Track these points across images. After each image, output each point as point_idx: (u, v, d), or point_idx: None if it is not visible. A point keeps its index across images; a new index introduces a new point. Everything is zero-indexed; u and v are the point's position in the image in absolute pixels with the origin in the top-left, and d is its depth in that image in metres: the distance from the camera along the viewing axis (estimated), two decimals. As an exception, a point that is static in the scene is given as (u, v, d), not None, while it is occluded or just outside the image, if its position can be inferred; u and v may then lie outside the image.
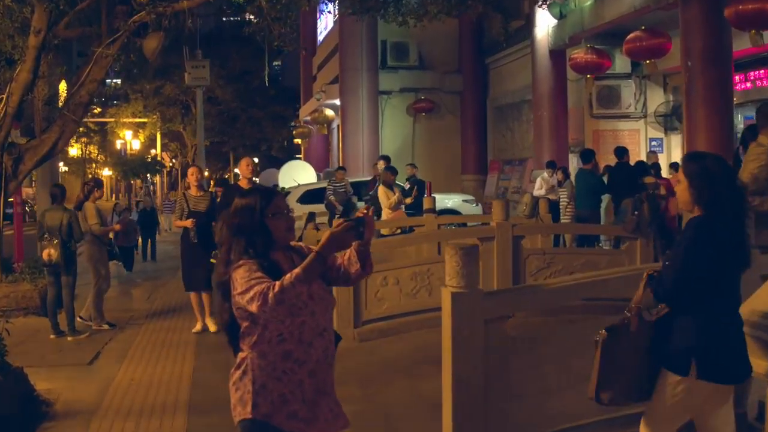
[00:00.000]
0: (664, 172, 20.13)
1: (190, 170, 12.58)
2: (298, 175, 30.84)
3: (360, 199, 22.34)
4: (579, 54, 21.80)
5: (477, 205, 26.17)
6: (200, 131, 20.55)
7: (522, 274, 11.41)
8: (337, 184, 22.00)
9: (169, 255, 22.48)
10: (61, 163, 67.85)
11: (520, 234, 11.60)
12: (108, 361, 10.47)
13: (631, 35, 19.57)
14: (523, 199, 18.42)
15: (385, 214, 16.56)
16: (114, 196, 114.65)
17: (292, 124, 65.80)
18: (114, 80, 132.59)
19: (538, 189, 19.50)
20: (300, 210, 23.55)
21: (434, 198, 22.66)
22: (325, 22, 41.87)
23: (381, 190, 17.14)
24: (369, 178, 21.26)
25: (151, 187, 64.68)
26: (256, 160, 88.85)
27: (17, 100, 13.88)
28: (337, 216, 21.73)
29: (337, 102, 33.77)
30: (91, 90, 14.79)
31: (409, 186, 20.90)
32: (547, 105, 24.46)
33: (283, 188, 26.55)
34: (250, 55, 59.80)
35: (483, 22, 33.04)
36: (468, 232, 13.72)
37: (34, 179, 25.60)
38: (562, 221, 18.16)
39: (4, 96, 13.87)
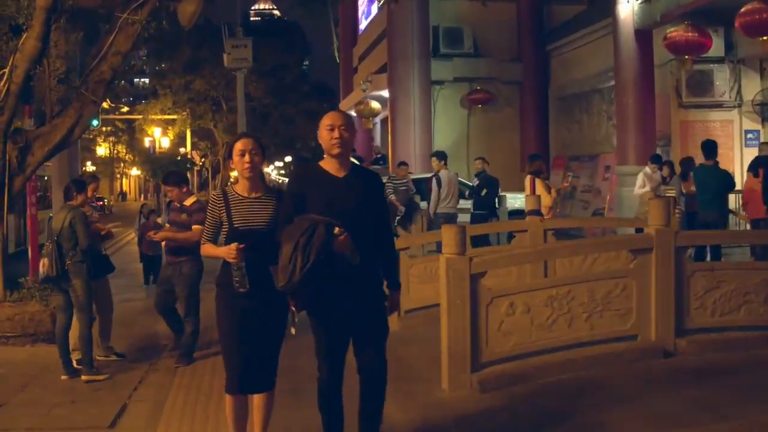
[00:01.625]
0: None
1: (242, 143, 6.04)
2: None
3: (423, 198, 19.51)
4: (677, 32, 18.98)
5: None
6: (241, 121, 17.71)
7: (686, 297, 8.53)
8: (398, 182, 19.24)
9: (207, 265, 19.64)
10: (89, 162, 65.90)
11: (684, 244, 8.69)
12: (137, 422, 7.61)
13: (747, 7, 16.76)
14: (644, 198, 15.43)
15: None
16: (142, 196, 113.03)
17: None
18: (142, 79, 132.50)
19: (640, 187, 16.74)
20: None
21: (504, 197, 20.15)
22: (367, 10, 39.10)
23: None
24: (430, 175, 18.55)
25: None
26: (288, 159, 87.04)
27: (22, 74, 11.13)
28: (399, 217, 19.04)
29: (384, 93, 31.05)
30: (115, 65, 11.99)
31: (477, 183, 18.22)
32: (633, 92, 21.54)
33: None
34: (283, 50, 57.54)
35: (543, 6, 30.52)
36: (616, 242, 10.55)
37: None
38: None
39: (6, 70, 11.10)
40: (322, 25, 55.20)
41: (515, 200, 21.03)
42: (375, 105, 31.95)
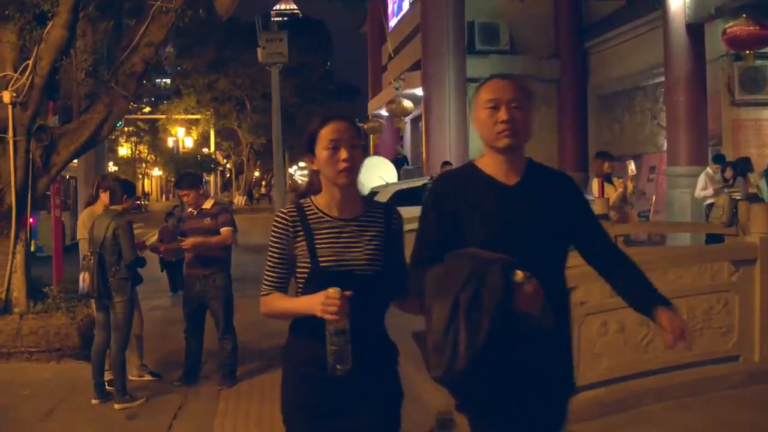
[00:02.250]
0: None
1: (334, 128, 3.67)
2: (379, 173, 27.05)
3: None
4: (738, 26, 17.87)
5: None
6: (276, 118, 16.76)
7: (793, 313, 7.55)
8: (442, 183, 18.19)
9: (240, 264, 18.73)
10: (110, 163, 65.29)
11: (792, 254, 7.68)
12: (178, 457, 6.69)
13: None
14: (719, 201, 14.36)
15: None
16: (164, 197, 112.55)
17: (357, 122, 62.87)
18: (164, 80, 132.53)
19: (702, 189, 15.79)
20: (391, 214, 19.88)
21: None
22: (397, 7, 38.18)
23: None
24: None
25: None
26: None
27: (47, 66, 10.22)
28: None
29: (417, 91, 29.97)
30: (147, 56, 11.07)
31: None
32: (684, 89, 20.39)
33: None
34: (308, 49, 56.86)
35: (581, 1, 29.52)
36: (715, 252, 9.19)
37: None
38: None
39: (30, 61, 10.19)
40: (344, 24, 54.36)
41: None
42: (407, 104, 30.96)
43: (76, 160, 14.14)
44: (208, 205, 9.04)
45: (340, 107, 64.80)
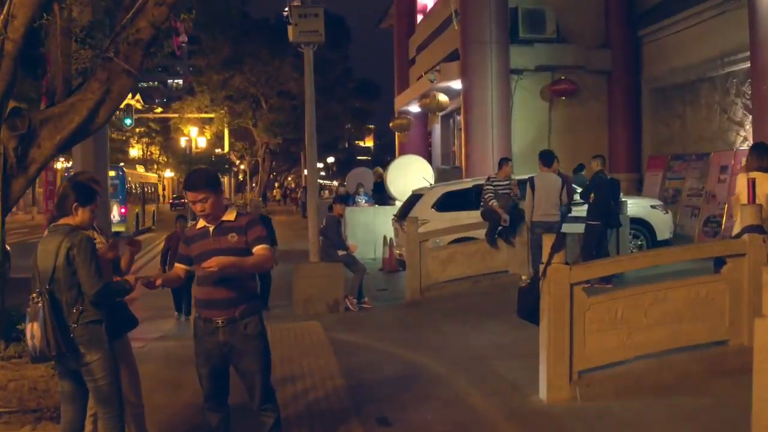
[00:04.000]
0: None
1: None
2: (415, 173, 24.54)
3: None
4: None
5: (667, 212, 19.64)
6: (310, 106, 14.15)
7: None
8: (500, 183, 15.66)
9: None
10: (121, 164, 63.00)
11: None
12: None
13: None
14: None
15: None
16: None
17: (372, 127, 60.33)
18: (175, 80, 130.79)
19: None
20: (438, 220, 17.31)
21: (624, 203, 16.84)
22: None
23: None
24: (530, 176, 15.24)
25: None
26: (331, 160, 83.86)
27: (22, 27, 7.60)
28: (501, 228, 15.64)
29: (453, 84, 27.46)
30: (157, 19, 8.43)
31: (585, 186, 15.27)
32: (773, 78, 17.74)
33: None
34: (327, 44, 54.36)
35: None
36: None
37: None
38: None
39: (-1, 20, 7.59)
40: (360, 21, 52.13)
41: (630, 205, 17.55)
42: (442, 98, 28.37)
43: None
44: (231, 216, 6.13)
45: (360, 104, 62.73)
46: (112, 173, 35.76)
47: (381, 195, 26.99)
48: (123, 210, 37.78)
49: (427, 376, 9.23)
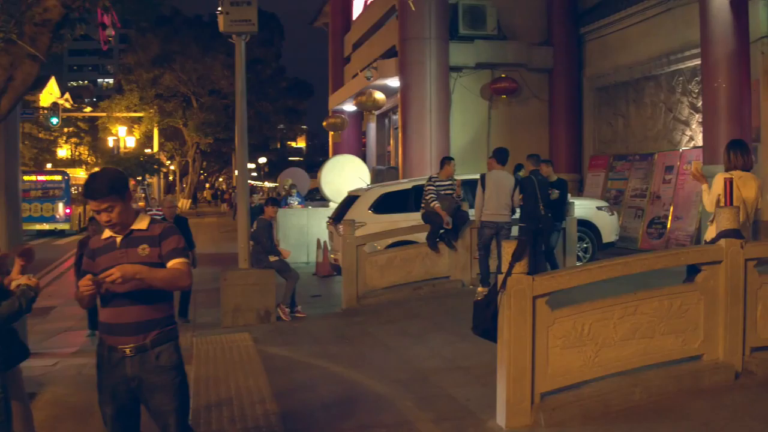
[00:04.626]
0: None
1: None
2: (350, 173, 23.58)
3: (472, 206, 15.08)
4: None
5: (613, 214, 18.95)
6: (241, 102, 13.14)
7: None
8: (443, 183, 14.78)
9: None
10: (49, 165, 61.19)
11: None
12: None
13: None
14: None
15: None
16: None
17: (302, 125, 59.45)
18: (105, 80, 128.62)
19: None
20: (376, 222, 16.39)
21: (572, 204, 16.17)
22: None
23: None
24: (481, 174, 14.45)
25: (146, 191, 57.42)
26: (263, 160, 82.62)
27: None
28: (443, 231, 14.79)
29: (390, 82, 26.57)
30: (64, -4, 7.40)
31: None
32: (726, 75, 17.08)
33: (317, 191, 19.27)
34: (260, 42, 53.32)
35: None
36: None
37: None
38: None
39: None
40: (292, 20, 51.32)
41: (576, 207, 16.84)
42: (379, 96, 27.42)
43: None
44: (142, 224, 5.09)
45: (292, 104, 61.77)
46: (58, 177, 39.22)
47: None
48: (68, 210, 38.63)
49: (369, 397, 8.24)
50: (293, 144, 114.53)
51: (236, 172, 18.22)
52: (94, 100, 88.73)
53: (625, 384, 7.28)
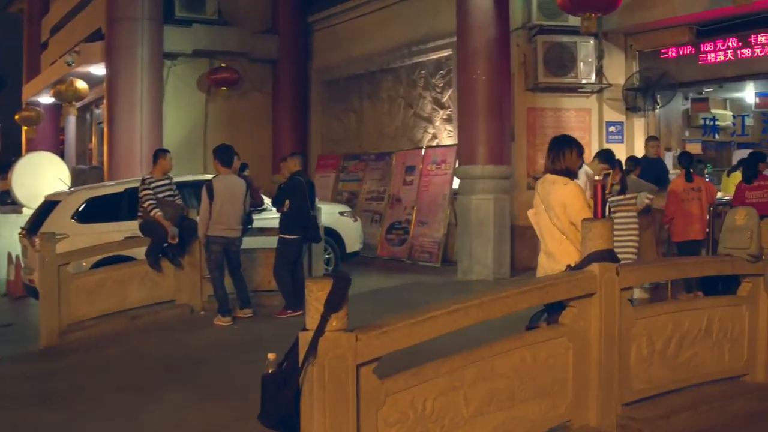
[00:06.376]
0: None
1: None
2: (47, 174, 20.34)
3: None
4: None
5: (356, 220, 17.01)
6: None
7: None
8: (160, 184, 12.16)
9: None
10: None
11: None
12: None
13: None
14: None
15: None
16: None
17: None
18: None
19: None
20: (81, 234, 13.46)
21: (320, 210, 14.08)
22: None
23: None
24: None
25: None
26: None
27: None
28: (167, 245, 12.19)
29: (94, 70, 23.48)
30: None
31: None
32: (484, 67, 15.46)
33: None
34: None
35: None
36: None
37: None
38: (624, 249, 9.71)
39: None
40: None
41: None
42: (81, 85, 24.33)
43: None
44: None
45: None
46: None
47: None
48: None
49: None
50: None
51: None
52: None
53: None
